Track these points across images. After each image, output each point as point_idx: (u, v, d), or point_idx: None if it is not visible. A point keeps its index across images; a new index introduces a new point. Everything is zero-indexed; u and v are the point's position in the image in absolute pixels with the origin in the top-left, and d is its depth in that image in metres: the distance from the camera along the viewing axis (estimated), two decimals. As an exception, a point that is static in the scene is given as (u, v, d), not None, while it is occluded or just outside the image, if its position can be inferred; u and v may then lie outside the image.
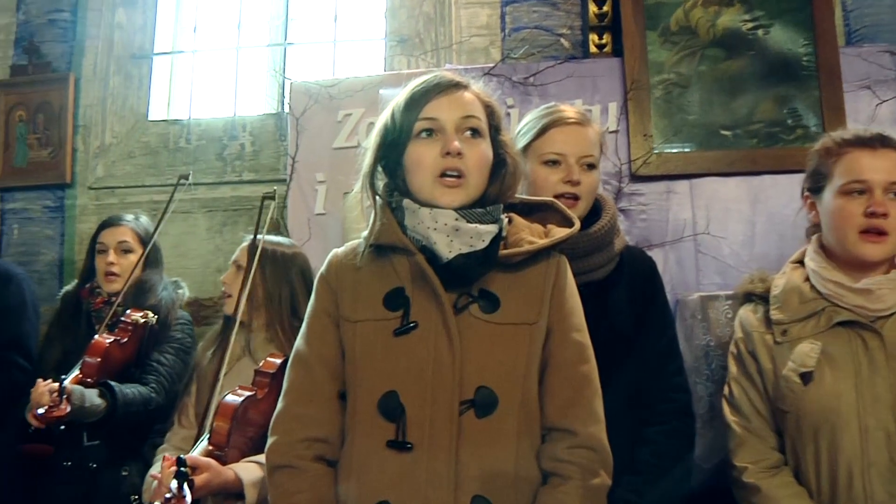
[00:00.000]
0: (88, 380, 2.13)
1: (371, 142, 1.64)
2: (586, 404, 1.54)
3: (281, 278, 2.27)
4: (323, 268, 1.68)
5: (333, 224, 2.94)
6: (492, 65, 2.99)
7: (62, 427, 2.18)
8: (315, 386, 1.58)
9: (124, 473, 2.42)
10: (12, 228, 3.64)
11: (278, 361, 2.00)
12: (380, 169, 1.63)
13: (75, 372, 2.15)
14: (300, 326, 2.13)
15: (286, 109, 3.41)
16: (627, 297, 1.95)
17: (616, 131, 2.85)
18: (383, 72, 3.30)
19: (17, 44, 3.78)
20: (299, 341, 1.64)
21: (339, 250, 1.69)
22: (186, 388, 2.34)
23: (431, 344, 1.49)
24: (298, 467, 1.52)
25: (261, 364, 2.02)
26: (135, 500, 2.38)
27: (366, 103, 3.00)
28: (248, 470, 1.83)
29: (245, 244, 2.37)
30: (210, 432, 1.86)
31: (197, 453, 1.84)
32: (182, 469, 1.63)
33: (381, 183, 1.64)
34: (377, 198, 1.62)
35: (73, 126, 3.62)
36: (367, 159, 1.63)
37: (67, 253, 3.55)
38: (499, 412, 1.48)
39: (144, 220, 2.69)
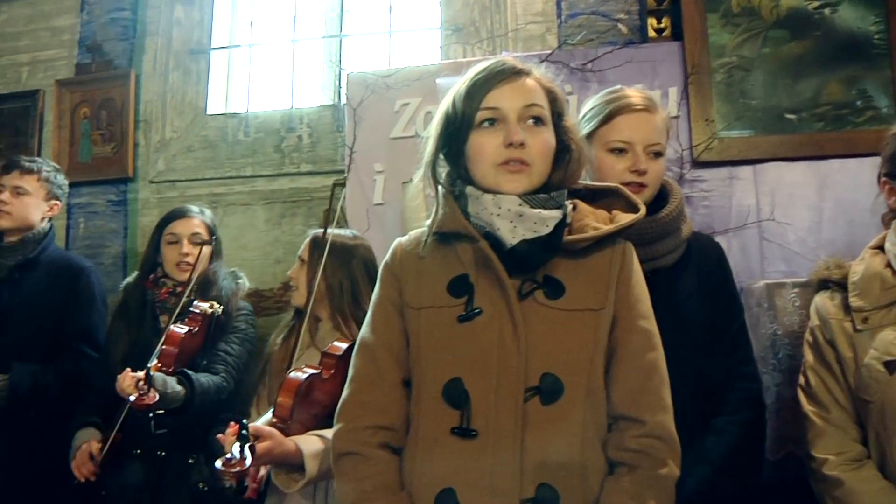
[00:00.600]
0: (166, 369, 2.17)
1: (432, 130, 1.63)
2: (654, 393, 1.51)
3: (342, 269, 2.28)
4: (387, 256, 1.68)
5: (392, 214, 2.94)
6: (548, 52, 2.96)
7: (151, 414, 2.22)
8: (380, 373, 1.58)
9: (191, 461, 2.46)
10: (79, 222, 3.73)
11: (344, 345, 2.02)
12: (441, 157, 1.63)
13: (153, 361, 2.19)
14: (363, 316, 2.15)
15: (343, 101, 3.42)
16: (696, 285, 1.92)
17: (676, 116, 2.79)
18: (439, 61, 3.29)
19: (80, 43, 3.87)
20: (364, 329, 1.65)
21: (403, 239, 1.70)
22: (261, 379, 2.36)
23: (496, 330, 1.48)
24: (364, 454, 1.53)
25: (328, 347, 2.03)
26: (202, 487, 2.43)
27: (423, 92, 2.99)
28: (310, 442, 1.85)
29: (308, 239, 2.38)
30: (274, 406, 1.88)
31: (261, 423, 1.86)
32: (244, 432, 1.65)
33: (443, 171, 1.63)
34: (439, 186, 1.62)
35: (135, 121, 3.69)
36: (429, 148, 1.62)
37: (131, 245, 3.62)
38: (564, 400, 1.46)
39: (209, 213, 2.73)
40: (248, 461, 1.66)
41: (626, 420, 1.50)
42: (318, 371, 1.96)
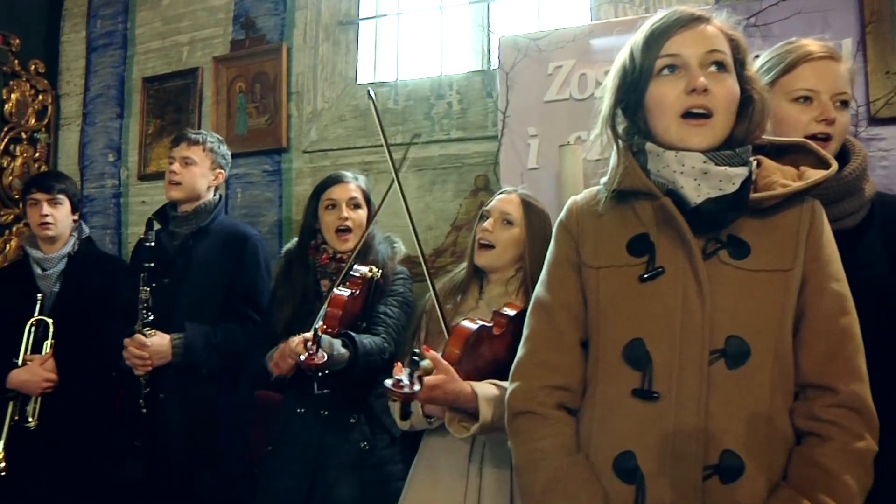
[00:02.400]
0: (330, 331, 2.22)
1: (609, 84, 1.58)
2: (847, 360, 1.42)
3: (542, 237, 2.26)
4: (562, 214, 1.64)
5: (547, 178, 2.89)
6: (707, 7, 2.81)
7: (320, 374, 2.28)
8: (557, 333, 1.56)
9: (353, 421, 2.51)
10: (236, 192, 3.88)
11: (516, 311, 2.00)
12: (619, 112, 1.57)
13: (319, 323, 2.24)
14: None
15: (493, 65, 3.40)
16: (882, 246, 1.78)
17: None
18: (589, 21, 3.19)
19: (235, 20, 4.02)
20: (539, 289, 1.62)
21: (578, 197, 1.65)
22: (415, 335, 2.38)
23: (679, 290, 1.43)
24: (541, 414, 1.52)
25: (501, 307, 2.01)
26: (364, 446, 2.47)
27: (576, 54, 2.91)
28: (485, 387, 1.84)
29: (506, 196, 2.33)
30: (443, 351, 1.89)
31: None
32: (414, 357, 1.65)
33: (620, 127, 1.58)
34: (619, 142, 1.56)
35: (287, 93, 3.80)
36: (606, 102, 1.58)
37: (286, 213, 3.74)
38: (751, 363, 1.39)
39: (363, 178, 2.76)
40: (417, 387, 1.68)
41: (815, 388, 1.41)
42: (490, 325, 1.95)
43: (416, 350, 1.71)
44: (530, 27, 3.35)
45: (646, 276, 1.45)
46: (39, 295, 3.01)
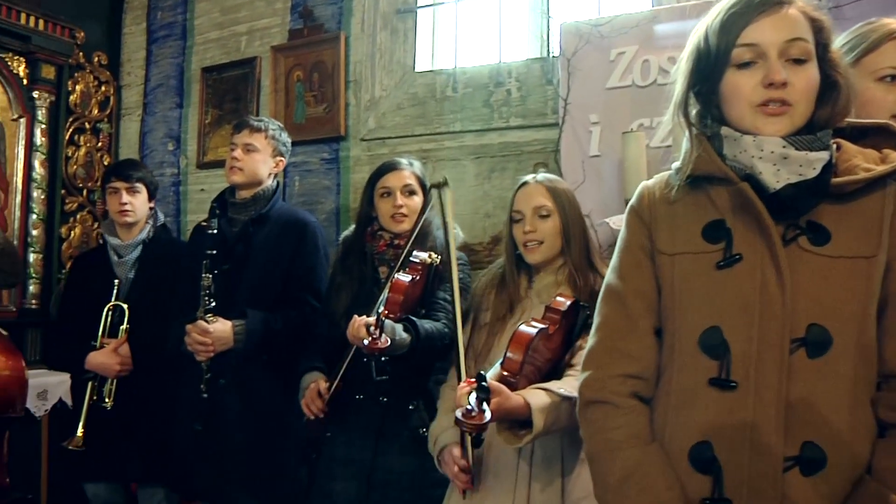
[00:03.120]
0: (392, 316, 2.20)
1: (682, 68, 1.52)
2: None
3: (578, 217, 2.23)
4: (633, 200, 1.60)
5: (609, 165, 2.85)
6: (775, -9, 2.73)
7: (383, 358, 2.28)
8: (630, 321, 1.52)
9: (411, 407, 2.50)
10: (294, 180, 3.91)
11: (568, 301, 1.97)
12: (692, 96, 1.52)
13: (380, 308, 2.24)
14: (592, 269, 2.08)
15: (553, 52, 3.35)
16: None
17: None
18: (650, 7, 3.13)
19: (293, 10, 4.04)
20: (611, 276, 1.58)
21: (649, 182, 1.61)
22: (463, 328, 2.37)
23: (758, 277, 1.38)
24: (614, 403, 1.48)
25: (551, 302, 1.98)
26: (423, 432, 2.46)
27: (639, 40, 2.87)
28: (537, 396, 1.81)
29: (529, 189, 2.30)
30: (503, 359, 1.86)
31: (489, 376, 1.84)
32: (483, 384, 1.62)
33: (693, 111, 1.52)
34: (692, 127, 1.51)
35: (345, 82, 3.80)
36: (679, 87, 1.52)
37: (343, 201, 3.75)
38: (832, 353, 1.34)
39: (418, 164, 2.74)
40: (487, 415, 1.64)
41: None
42: (546, 326, 1.92)
43: (484, 373, 1.67)
44: (590, 13, 3.30)
45: (723, 262, 1.41)
46: (116, 281, 3.11)
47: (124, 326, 3.05)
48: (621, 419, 1.47)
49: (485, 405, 1.65)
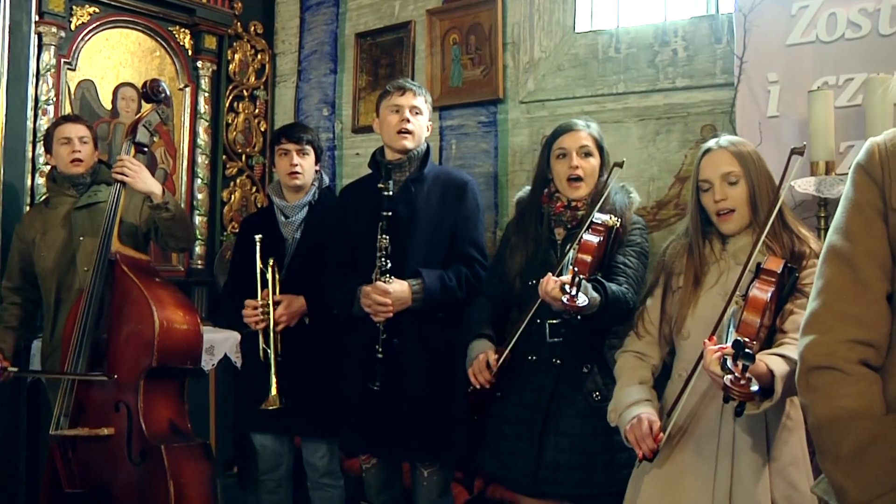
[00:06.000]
0: (582, 276, 2.20)
1: None
2: None
3: (767, 178, 2.17)
4: (861, 156, 1.51)
5: (788, 126, 2.74)
6: None
7: (578, 318, 2.29)
8: (860, 284, 1.43)
9: (585, 371, 2.51)
10: (450, 144, 3.94)
11: (782, 263, 1.92)
12: None
13: (569, 268, 2.24)
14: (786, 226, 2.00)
15: (720, 10, 3.24)
16: None
17: None
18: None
19: (448, -27, 4.02)
20: (835, 237, 1.50)
21: (879, 138, 1.51)
22: (650, 293, 2.34)
23: None
24: (842, 369, 1.40)
25: (764, 263, 1.93)
26: (596, 396, 2.47)
27: (825, -9, 2.73)
28: (777, 363, 1.77)
29: (714, 155, 2.23)
30: (739, 324, 1.82)
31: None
32: (748, 351, 1.58)
33: None
34: None
35: (503, 44, 3.78)
36: None
37: (501, 165, 3.76)
38: None
39: (595, 126, 2.71)
40: (755, 387, 1.64)
41: None
42: (774, 289, 1.87)
43: (744, 340, 1.64)
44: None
45: None
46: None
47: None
48: (852, 387, 1.39)
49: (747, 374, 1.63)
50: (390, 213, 2.81)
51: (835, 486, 1.39)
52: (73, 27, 3.98)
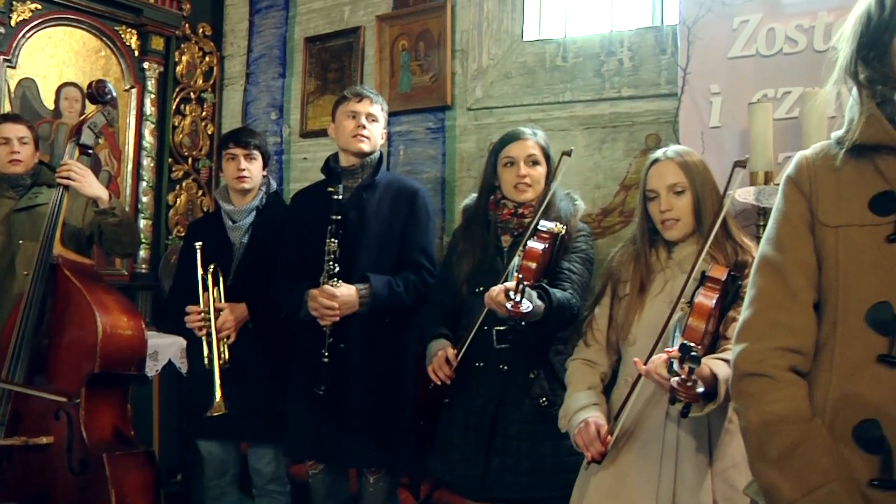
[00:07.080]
0: (527, 283, 2.22)
1: (847, 33, 1.48)
2: None
3: (712, 189, 2.22)
4: (790, 170, 1.56)
5: (730, 136, 2.82)
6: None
7: (523, 323, 2.32)
8: (790, 293, 1.48)
9: (532, 376, 2.53)
10: (399, 149, 3.95)
11: (726, 271, 1.97)
12: (860, 61, 1.48)
13: (514, 275, 2.26)
14: (729, 236, 2.05)
15: (666, 21, 3.31)
16: None
17: None
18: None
19: (398, -22, 4.03)
20: (767, 247, 1.55)
21: (807, 152, 1.57)
22: (598, 301, 2.37)
23: None
24: (772, 376, 1.45)
25: (709, 271, 1.97)
26: (543, 402, 2.50)
27: (764, 8, 2.80)
28: (720, 367, 1.82)
29: (661, 166, 2.26)
30: (685, 329, 1.87)
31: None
32: (693, 354, 1.60)
33: (861, 76, 1.48)
34: (862, 90, 1.47)
35: (452, 51, 3.80)
36: (845, 51, 1.47)
37: (448, 171, 3.79)
38: None
39: (542, 134, 2.74)
40: (701, 388, 1.68)
41: None
42: (718, 296, 1.91)
43: (690, 344, 1.65)
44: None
45: (893, 236, 1.37)
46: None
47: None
48: (780, 393, 1.44)
49: (694, 375, 1.65)
50: (340, 218, 2.80)
51: (766, 486, 1.43)
52: (13, 23, 3.89)
